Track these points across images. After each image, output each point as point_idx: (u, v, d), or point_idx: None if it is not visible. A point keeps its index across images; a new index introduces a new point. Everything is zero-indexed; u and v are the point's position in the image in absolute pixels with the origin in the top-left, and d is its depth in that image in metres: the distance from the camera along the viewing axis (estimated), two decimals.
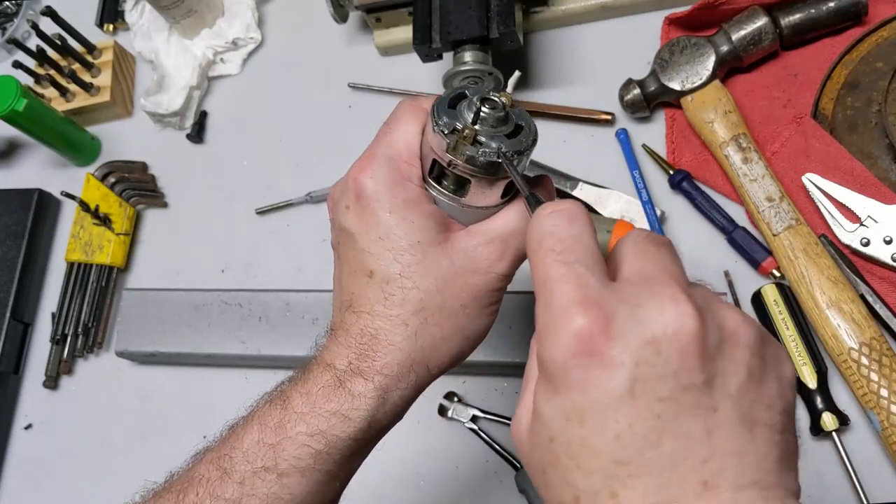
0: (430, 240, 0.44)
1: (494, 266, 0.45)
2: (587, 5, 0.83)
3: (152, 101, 0.93)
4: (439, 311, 0.44)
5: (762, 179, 0.69)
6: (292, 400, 0.44)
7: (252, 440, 0.43)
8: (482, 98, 0.43)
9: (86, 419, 0.87)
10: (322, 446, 0.43)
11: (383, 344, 0.44)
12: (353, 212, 0.45)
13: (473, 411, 0.74)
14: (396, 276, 0.44)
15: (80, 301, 0.89)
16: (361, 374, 0.44)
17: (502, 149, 0.42)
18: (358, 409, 0.43)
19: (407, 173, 0.45)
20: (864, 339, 0.62)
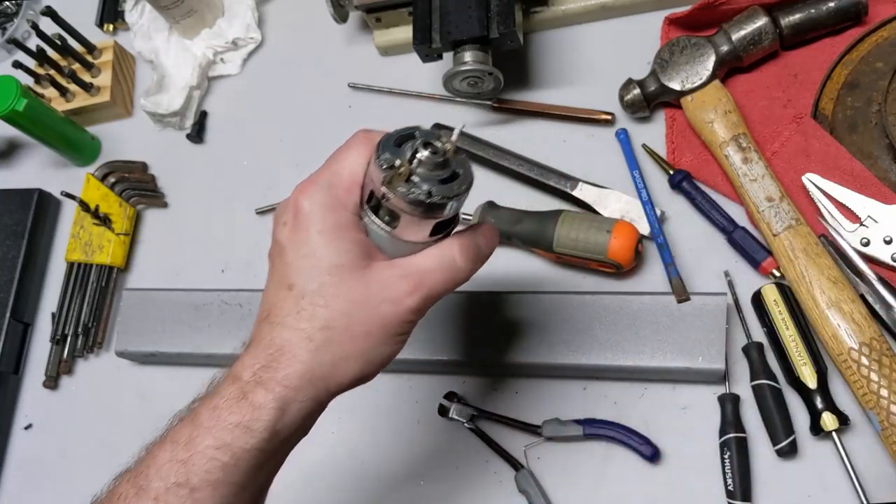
0: (350, 264, 0.47)
1: (405, 299, 0.47)
2: (587, 5, 0.83)
3: (152, 101, 0.93)
4: (344, 331, 0.47)
5: (762, 179, 0.69)
6: (200, 415, 0.46)
7: (165, 457, 0.45)
8: (424, 142, 0.46)
9: (86, 419, 0.87)
10: (229, 458, 0.45)
11: (287, 356, 0.46)
12: (288, 228, 0.49)
13: (473, 411, 0.74)
14: (311, 292, 0.47)
15: (80, 301, 0.89)
16: (263, 384, 0.46)
17: (432, 191, 0.45)
18: (259, 421, 0.45)
19: (343, 200, 0.48)
20: (864, 339, 0.62)
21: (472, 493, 0.72)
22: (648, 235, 0.73)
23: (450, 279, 0.49)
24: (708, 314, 0.68)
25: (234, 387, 0.46)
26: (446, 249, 0.49)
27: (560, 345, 0.70)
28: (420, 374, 0.77)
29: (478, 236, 0.51)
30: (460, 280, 0.50)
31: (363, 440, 0.77)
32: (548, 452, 0.71)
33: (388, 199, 0.46)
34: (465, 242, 0.50)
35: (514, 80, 0.84)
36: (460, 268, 0.49)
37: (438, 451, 0.74)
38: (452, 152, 0.46)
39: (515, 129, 0.83)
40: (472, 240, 0.50)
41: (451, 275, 0.49)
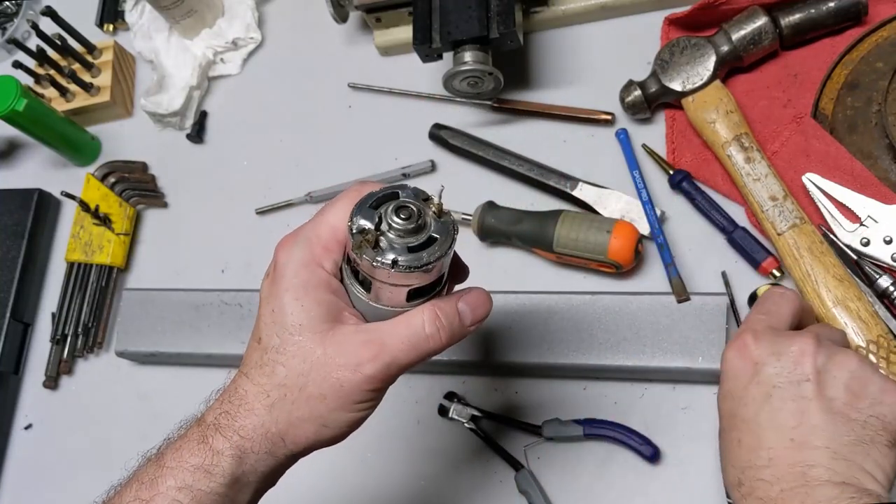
0: (311, 326, 0.46)
1: (363, 366, 0.45)
2: (587, 5, 0.83)
3: (152, 101, 0.93)
4: (299, 392, 0.46)
5: (765, 179, 0.69)
6: (165, 456, 0.47)
7: (129, 496, 0.46)
8: (397, 206, 0.44)
9: (86, 419, 0.87)
10: (189, 500, 0.45)
11: (245, 407, 0.47)
12: (267, 281, 0.49)
13: (473, 411, 0.74)
14: (272, 348, 0.47)
15: (80, 301, 0.89)
16: (220, 430, 0.46)
17: (397, 260, 0.43)
18: (218, 465, 0.45)
19: (318, 258, 0.47)
20: (871, 336, 0.62)
21: (472, 493, 0.72)
22: (648, 235, 0.73)
23: (415, 349, 0.46)
24: (708, 314, 0.68)
25: (198, 430, 0.47)
26: (416, 317, 0.47)
27: (560, 345, 0.70)
28: (420, 374, 0.77)
29: (461, 303, 0.49)
30: (429, 350, 0.47)
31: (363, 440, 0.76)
32: (548, 452, 0.71)
33: (357, 265, 0.45)
34: (439, 310, 0.47)
35: (514, 80, 0.84)
36: (428, 337, 0.46)
37: (438, 451, 0.74)
38: (435, 213, 0.45)
39: (515, 129, 0.83)
40: (450, 307, 0.48)
41: (418, 345, 0.46)
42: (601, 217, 0.74)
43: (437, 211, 0.45)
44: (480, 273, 0.77)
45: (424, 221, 0.45)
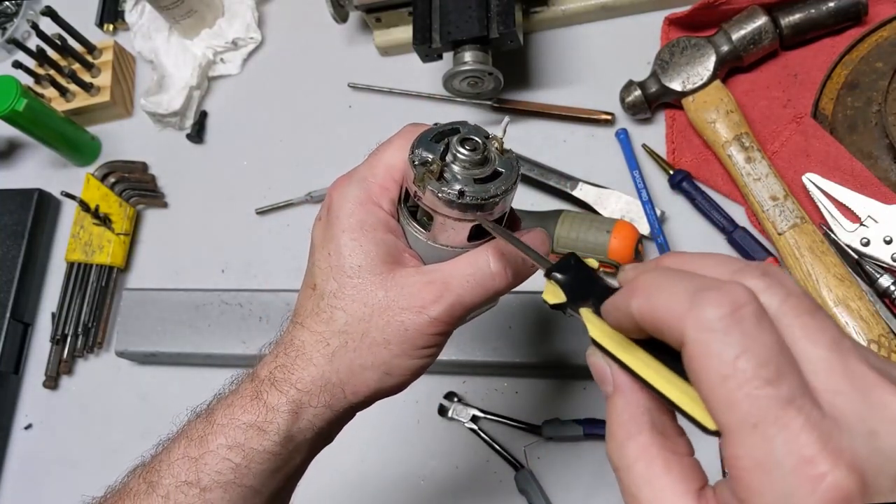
0: (371, 267, 0.44)
1: (428, 308, 0.43)
2: (587, 5, 0.83)
3: (152, 101, 0.93)
4: (361, 338, 0.44)
5: (766, 178, 0.69)
6: (215, 412, 0.44)
7: (178, 454, 0.44)
8: (462, 138, 0.42)
9: (86, 419, 0.87)
10: (241, 459, 0.43)
11: (303, 358, 0.44)
12: (320, 224, 0.46)
13: (473, 411, 0.74)
14: (330, 293, 0.44)
15: (80, 301, 0.89)
16: (276, 384, 0.44)
17: (464, 191, 0.41)
18: (272, 423, 0.43)
19: (375, 197, 0.45)
20: (872, 336, 0.62)
21: (472, 493, 0.72)
22: (648, 235, 0.73)
23: (481, 288, 0.44)
24: None
25: (251, 385, 0.44)
26: (480, 254, 0.44)
27: (560, 345, 0.70)
28: None
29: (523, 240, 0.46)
30: (494, 289, 0.44)
31: (363, 440, 0.76)
32: (548, 452, 0.71)
33: (420, 199, 0.42)
34: (505, 248, 0.44)
35: (514, 80, 0.84)
36: (494, 274, 0.44)
37: (438, 451, 0.74)
38: (498, 150, 0.43)
39: (515, 129, 0.83)
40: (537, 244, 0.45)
41: (483, 283, 0.44)
42: (601, 217, 0.74)
43: (499, 147, 0.43)
44: None
45: (489, 154, 0.43)
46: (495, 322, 0.72)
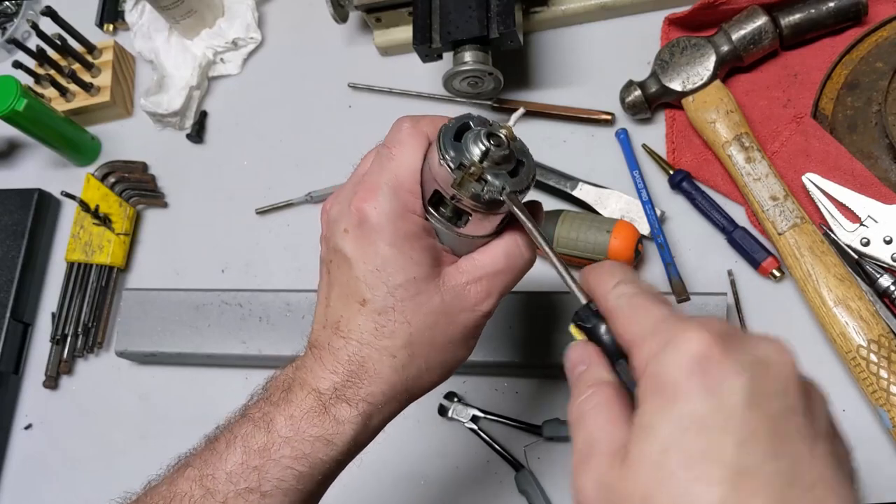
0: (425, 276, 0.45)
1: (481, 305, 0.47)
2: (587, 5, 0.83)
3: (152, 101, 0.93)
4: (428, 345, 0.46)
5: (766, 178, 0.69)
6: (276, 423, 0.45)
7: (235, 461, 0.44)
8: (489, 134, 0.44)
9: (86, 419, 0.87)
10: (306, 469, 0.44)
11: (370, 373, 0.45)
12: (352, 237, 0.46)
13: (473, 411, 0.74)
14: (389, 309, 0.45)
15: (80, 301, 0.89)
16: (346, 400, 0.45)
17: (506, 189, 0.43)
18: (341, 434, 0.45)
19: (411, 205, 0.45)
20: (872, 336, 0.62)
21: (472, 493, 0.72)
22: (648, 235, 0.73)
23: (519, 273, 0.48)
24: (708, 314, 0.67)
25: (312, 398, 0.45)
26: (510, 243, 0.48)
27: (560, 345, 0.70)
28: None
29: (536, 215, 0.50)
30: (524, 271, 0.49)
31: None
32: (548, 452, 0.71)
33: (460, 200, 0.44)
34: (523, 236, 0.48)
35: (514, 80, 0.84)
36: (527, 259, 0.48)
37: (438, 451, 0.74)
38: (511, 139, 0.45)
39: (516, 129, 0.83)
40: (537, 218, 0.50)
41: (519, 268, 0.48)
42: (601, 217, 0.74)
43: (509, 136, 0.45)
44: None
45: (512, 148, 0.45)
46: (495, 322, 0.72)
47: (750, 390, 0.30)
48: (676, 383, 0.31)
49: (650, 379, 0.32)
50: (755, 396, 0.30)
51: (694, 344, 0.31)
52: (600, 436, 0.34)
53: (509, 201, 0.44)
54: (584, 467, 0.34)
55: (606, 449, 0.33)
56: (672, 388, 0.31)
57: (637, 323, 0.35)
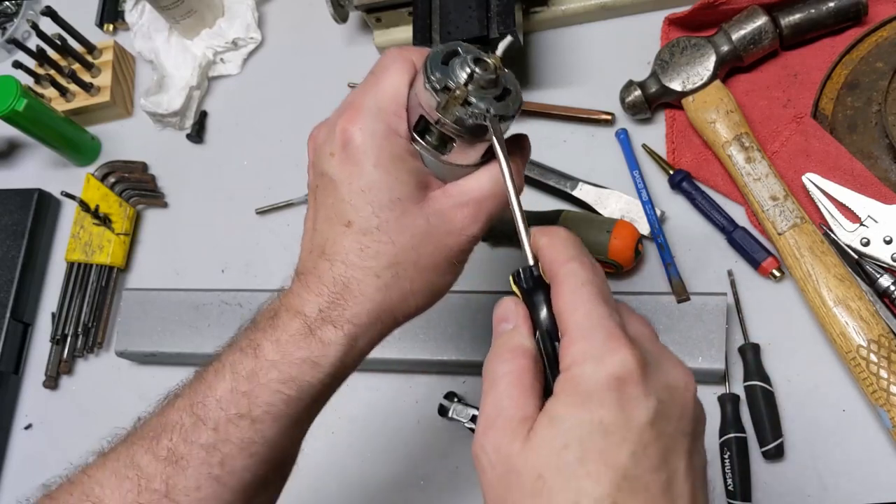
0: (410, 197, 0.45)
1: (467, 228, 0.46)
2: (587, 5, 0.83)
3: (152, 101, 0.93)
4: (412, 266, 0.46)
5: (766, 178, 0.69)
6: (263, 348, 0.45)
7: (225, 388, 0.45)
8: (475, 59, 0.43)
9: (86, 419, 0.87)
10: (293, 392, 0.45)
11: (355, 294, 0.45)
12: (337, 160, 0.46)
13: (473, 411, 0.73)
14: (374, 229, 0.45)
15: (80, 301, 0.89)
16: (332, 322, 0.45)
17: (490, 112, 0.43)
18: (327, 356, 0.45)
19: (395, 127, 0.45)
20: (872, 336, 0.62)
21: (472, 493, 0.72)
22: (648, 235, 0.73)
23: (504, 199, 0.47)
24: (708, 314, 0.68)
25: (298, 322, 0.45)
26: (495, 168, 0.47)
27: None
28: (420, 374, 0.77)
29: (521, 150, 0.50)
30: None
31: (363, 440, 0.76)
32: None
33: (444, 125, 0.44)
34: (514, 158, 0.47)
35: None
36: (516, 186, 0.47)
37: (438, 451, 0.74)
38: (498, 67, 0.44)
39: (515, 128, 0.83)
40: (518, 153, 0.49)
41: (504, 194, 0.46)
42: (601, 217, 0.74)
43: (496, 63, 0.44)
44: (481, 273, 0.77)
45: (499, 74, 0.44)
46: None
47: (655, 412, 0.34)
48: (594, 393, 0.34)
49: (571, 379, 0.35)
50: (657, 417, 0.34)
51: (619, 366, 0.34)
52: (508, 404, 0.36)
53: (491, 125, 0.43)
54: (488, 432, 0.36)
55: (512, 417, 0.36)
56: (588, 394, 0.34)
57: (577, 314, 0.37)
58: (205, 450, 0.44)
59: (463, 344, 0.73)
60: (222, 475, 0.44)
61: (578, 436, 0.34)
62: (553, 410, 0.35)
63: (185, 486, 0.44)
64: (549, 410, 0.35)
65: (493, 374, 0.38)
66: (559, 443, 0.34)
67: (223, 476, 0.44)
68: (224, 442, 0.44)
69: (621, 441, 0.33)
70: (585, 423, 0.34)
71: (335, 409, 0.78)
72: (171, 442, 0.45)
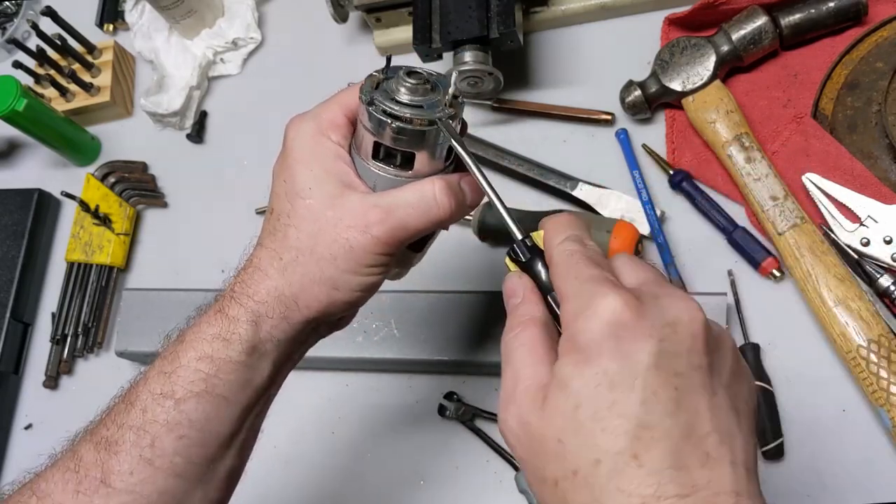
0: (322, 190, 0.47)
1: (371, 227, 0.46)
2: (587, 5, 0.83)
3: (152, 101, 0.93)
4: (310, 253, 0.47)
5: (766, 178, 0.69)
6: (185, 333, 0.48)
7: (152, 373, 0.48)
8: (409, 71, 0.47)
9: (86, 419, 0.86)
10: (210, 369, 0.46)
11: (259, 272, 0.48)
12: (279, 158, 0.51)
13: (473, 411, 0.74)
14: (284, 213, 0.48)
15: (80, 301, 0.89)
16: (236, 298, 0.48)
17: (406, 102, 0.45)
18: (235, 332, 0.47)
19: (325, 130, 0.49)
20: (872, 336, 0.62)
21: (472, 493, 0.72)
22: (648, 235, 0.73)
23: (424, 215, 0.47)
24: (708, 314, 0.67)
25: (216, 304, 0.49)
26: (426, 184, 0.47)
27: None
28: (420, 374, 0.77)
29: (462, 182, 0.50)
30: (438, 218, 0.48)
31: (364, 440, 0.76)
32: None
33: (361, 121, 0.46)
34: (449, 182, 0.48)
35: (514, 80, 0.84)
36: (438, 204, 0.47)
37: (438, 451, 0.74)
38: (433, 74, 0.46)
39: (515, 129, 0.83)
40: (455, 182, 0.49)
41: (427, 211, 0.47)
42: (601, 217, 0.74)
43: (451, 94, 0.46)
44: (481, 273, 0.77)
45: (435, 87, 0.46)
46: (495, 322, 0.73)
47: (657, 352, 0.33)
48: (591, 345, 0.34)
49: (570, 338, 0.35)
50: (661, 358, 0.33)
51: (609, 311, 0.34)
52: (525, 373, 0.37)
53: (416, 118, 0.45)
54: (509, 403, 0.37)
55: (529, 387, 0.36)
56: (587, 349, 0.34)
57: (568, 279, 0.37)
58: (134, 432, 0.46)
59: (463, 344, 0.73)
60: (153, 458, 0.45)
61: (587, 393, 0.34)
62: (560, 373, 0.35)
63: (119, 470, 0.45)
64: (557, 374, 0.35)
65: (507, 347, 0.39)
66: (571, 404, 0.34)
67: (154, 459, 0.45)
68: (151, 423, 0.46)
69: (628, 390, 0.33)
70: (590, 379, 0.34)
71: (335, 409, 0.79)
72: (107, 430, 0.47)
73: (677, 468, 0.32)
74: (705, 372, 0.34)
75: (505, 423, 0.37)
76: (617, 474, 0.32)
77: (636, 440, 0.32)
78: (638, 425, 0.32)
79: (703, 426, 0.33)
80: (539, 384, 0.36)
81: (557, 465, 0.34)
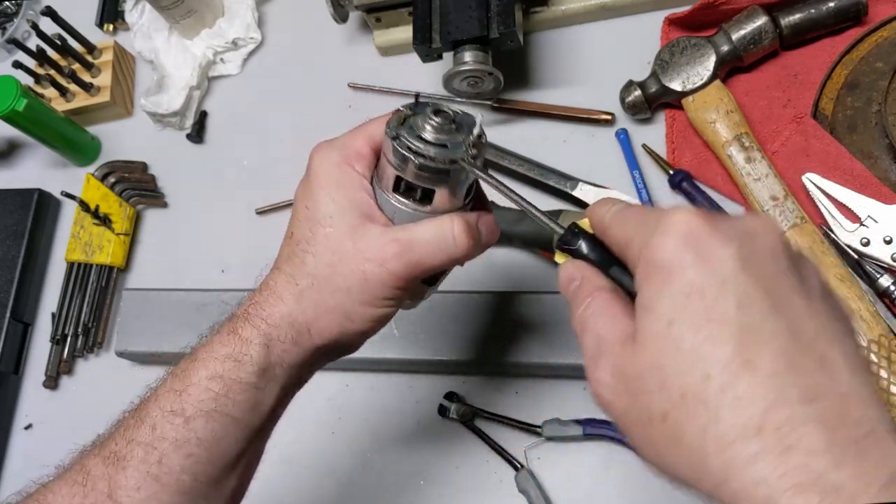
0: (343, 219, 0.47)
1: (388, 261, 0.46)
2: (587, 5, 0.83)
3: (152, 101, 0.93)
4: (326, 282, 0.47)
5: (766, 178, 0.69)
6: (197, 352, 0.48)
7: (163, 389, 0.48)
8: (436, 109, 0.46)
9: (86, 419, 0.86)
10: (221, 389, 0.46)
11: (274, 296, 0.49)
12: (302, 183, 0.51)
13: (473, 411, 0.74)
14: (304, 240, 0.49)
15: (80, 301, 0.89)
16: (249, 319, 0.48)
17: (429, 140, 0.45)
18: (247, 354, 0.47)
19: (351, 160, 0.49)
20: (872, 336, 0.62)
21: (472, 493, 0.72)
22: None
23: (442, 253, 0.47)
24: None
25: (229, 323, 0.49)
26: (445, 221, 0.48)
27: (560, 345, 0.70)
28: (420, 374, 0.77)
29: (480, 222, 0.50)
30: (455, 256, 0.48)
31: (363, 440, 0.77)
32: (548, 452, 0.71)
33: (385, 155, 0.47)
34: (468, 221, 0.48)
35: (514, 80, 0.84)
36: (457, 243, 0.47)
37: (438, 451, 0.74)
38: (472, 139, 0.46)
39: (515, 129, 0.83)
40: (474, 221, 0.49)
41: (445, 248, 0.47)
42: None
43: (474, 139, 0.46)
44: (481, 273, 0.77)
45: (461, 127, 0.47)
46: (496, 322, 0.73)
47: (740, 256, 0.32)
48: (670, 261, 0.33)
49: (645, 264, 0.34)
50: (746, 261, 0.32)
51: (682, 224, 0.33)
52: (606, 331, 0.35)
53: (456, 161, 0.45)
54: (597, 361, 0.35)
55: (615, 340, 0.35)
56: (667, 265, 0.33)
57: (626, 226, 0.37)
58: (143, 448, 0.46)
59: (463, 344, 0.73)
60: (160, 475, 0.45)
61: (679, 306, 0.32)
62: (644, 301, 0.33)
63: (126, 486, 0.45)
64: (641, 304, 0.34)
65: (580, 319, 0.37)
66: (664, 322, 0.32)
67: (161, 476, 0.45)
68: (160, 440, 0.46)
69: (719, 295, 0.31)
70: (677, 293, 0.32)
71: (335, 409, 0.79)
72: (115, 445, 0.47)
73: (795, 371, 0.30)
74: (795, 276, 0.33)
75: (598, 382, 0.35)
76: (731, 385, 0.30)
77: (743, 346, 0.30)
78: (741, 329, 0.30)
79: (808, 329, 0.31)
80: (623, 335, 0.34)
81: (662, 396, 0.32)
